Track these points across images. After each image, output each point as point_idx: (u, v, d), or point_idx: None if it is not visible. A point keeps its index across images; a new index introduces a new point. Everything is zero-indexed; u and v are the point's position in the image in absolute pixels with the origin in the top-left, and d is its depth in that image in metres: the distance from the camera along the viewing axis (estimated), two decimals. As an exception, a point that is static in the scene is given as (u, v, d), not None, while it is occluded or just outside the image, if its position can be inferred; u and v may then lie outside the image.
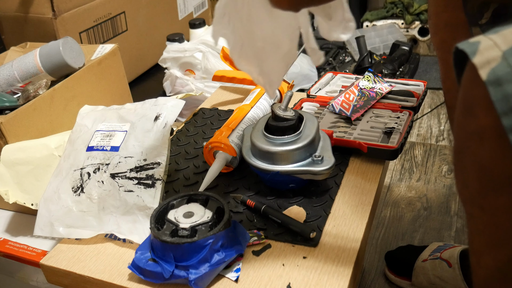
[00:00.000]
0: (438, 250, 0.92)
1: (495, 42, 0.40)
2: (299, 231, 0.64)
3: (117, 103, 1.02)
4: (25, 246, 0.78)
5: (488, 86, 0.39)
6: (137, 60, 1.58)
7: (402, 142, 0.78)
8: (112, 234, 0.69)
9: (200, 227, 0.60)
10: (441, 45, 0.84)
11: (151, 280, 0.59)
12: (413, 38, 2.09)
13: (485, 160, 0.42)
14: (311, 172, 0.69)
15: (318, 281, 0.58)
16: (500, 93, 0.39)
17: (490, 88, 0.39)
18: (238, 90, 1.08)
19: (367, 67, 1.64)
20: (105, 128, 0.77)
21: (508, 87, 0.38)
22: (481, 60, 0.40)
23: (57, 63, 0.97)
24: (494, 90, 0.39)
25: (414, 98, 0.90)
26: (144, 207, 0.68)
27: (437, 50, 0.86)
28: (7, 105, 0.89)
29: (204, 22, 1.59)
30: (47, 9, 1.23)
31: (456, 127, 0.45)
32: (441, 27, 0.82)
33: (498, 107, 0.39)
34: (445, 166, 1.30)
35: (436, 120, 1.52)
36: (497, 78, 0.39)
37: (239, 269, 0.61)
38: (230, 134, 0.77)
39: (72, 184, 0.72)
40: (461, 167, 0.46)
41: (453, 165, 0.49)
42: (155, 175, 0.70)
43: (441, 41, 0.83)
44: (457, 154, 0.46)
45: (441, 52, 0.85)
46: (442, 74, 0.87)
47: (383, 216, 1.14)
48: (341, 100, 0.89)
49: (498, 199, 0.43)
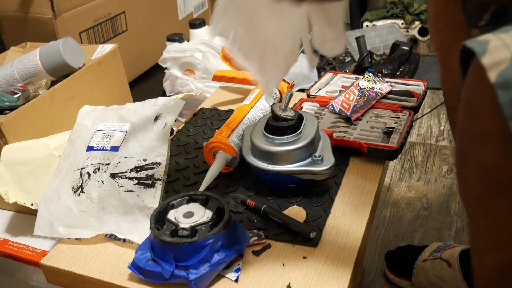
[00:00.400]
0: (438, 250, 0.92)
1: (505, 43, 0.39)
2: (299, 231, 0.64)
3: (117, 103, 1.03)
4: (25, 246, 0.78)
5: (497, 89, 0.38)
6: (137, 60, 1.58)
7: (402, 142, 0.78)
8: (112, 234, 0.69)
9: (200, 227, 0.60)
10: (440, 46, 0.84)
11: (151, 280, 0.59)
12: (413, 38, 2.09)
13: (488, 163, 0.42)
14: (311, 172, 0.69)
15: (318, 281, 0.58)
16: (508, 97, 0.38)
17: (499, 91, 0.38)
18: (238, 90, 1.08)
19: (367, 67, 1.64)
20: (105, 128, 0.77)
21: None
22: (490, 61, 0.39)
23: (57, 63, 0.97)
24: (502, 93, 0.38)
25: (414, 98, 0.90)
26: (144, 207, 0.68)
27: (436, 51, 0.86)
28: (7, 105, 0.89)
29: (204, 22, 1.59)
30: (47, 9, 1.23)
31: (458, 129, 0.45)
32: (441, 28, 0.82)
33: (506, 110, 0.38)
34: (445, 166, 1.30)
35: (436, 120, 1.52)
36: (506, 81, 0.38)
37: (239, 269, 0.61)
38: (230, 134, 0.77)
39: (72, 184, 0.72)
40: (464, 170, 0.46)
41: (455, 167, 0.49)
42: (155, 175, 0.70)
43: (440, 42, 0.83)
44: (459, 156, 0.46)
45: (441, 53, 0.85)
46: (442, 75, 0.87)
47: (383, 216, 1.14)
48: (341, 100, 0.89)
49: (501, 202, 0.43)
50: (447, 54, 0.83)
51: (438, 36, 0.84)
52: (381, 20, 2.13)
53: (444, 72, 0.86)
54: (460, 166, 0.46)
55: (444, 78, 0.86)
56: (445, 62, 0.85)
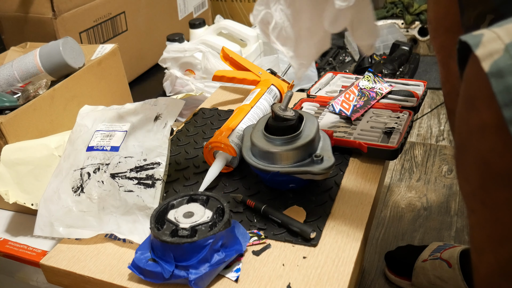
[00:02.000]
0: (438, 250, 0.92)
1: (498, 35, 0.40)
2: (299, 231, 0.64)
3: (117, 103, 1.02)
4: (25, 246, 0.78)
5: (490, 78, 0.39)
6: (137, 60, 1.58)
7: (402, 142, 0.78)
8: (112, 234, 0.69)
9: (200, 227, 0.60)
10: (441, 49, 0.84)
11: (151, 280, 0.59)
12: (413, 38, 2.09)
13: (486, 154, 0.42)
14: (311, 172, 0.69)
15: (318, 281, 0.58)
16: (501, 85, 0.39)
17: (492, 80, 0.39)
18: (238, 90, 1.08)
19: (367, 67, 1.64)
20: (105, 128, 0.77)
21: (510, 79, 0.39)
22: (484, 52, 0.40)
23: (57, 63, 0.97)
24: (496, 82, 0.39)
25: (414, 98, 0.90)
26: (144, 207, 0.68)
27: (437, 53, 0.86)
28: (7, 105, 0.89)
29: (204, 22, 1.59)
30: (47, 9, 1.23)
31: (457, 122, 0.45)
32: (441, 33, 0.83)
33: (499, 98, 0.39)
34: (445, 166, 1.30)
35: (436, 120, 1.52)
36: (499, 70, 0.39)
37: (239, 269, 0.61)
38: (230, 134, 0.77)
39: (72, 184, 0.72)
40: (463, 162, 0.46)
41: (454, 160, 0.49)
42: (155, 175, 0.70)
43: (441, 45, 0.84)
44: (458, 149, 0.46)
45: (441, 56, 0.85)
46: (442, 77, 0.87)
47: (383, 216, 1.14)
48: (341, 100, 0.89)
49: (500, 194, 0.43)
50: (448, 58, 0.83)
51: (439, 40, 0.84)
52: (381, 20, 2.13)
53: (445, 75, 0.86)
54: (459, 159, 0.47)
55: (445, 80, 0.87)
56: (445, 65, 0.85)
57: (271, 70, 0.98)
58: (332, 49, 1.94)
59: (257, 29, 1.55)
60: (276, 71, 0.98)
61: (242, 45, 1.54)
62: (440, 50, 0.85)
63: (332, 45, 1.99)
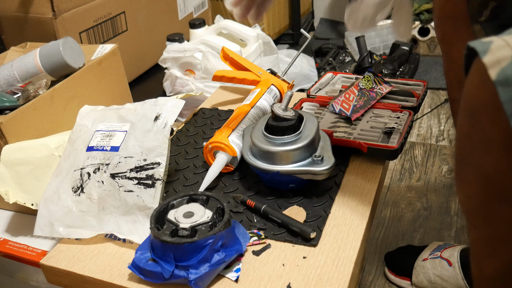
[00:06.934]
0: (438, 249, 0.92)
1: (507, 42, 0.38)
2: (299, 231, 0.64)
3: (117, 103, 1.02)
4: (25, 246, 0.78)
5: (497, 86, 0.37)
6: (137, 60, 1.58)
7: (402, 142, 0.78)
8: (112, 234, 0.69)
9: (200, 227, 0.60)
10: (443, 37, 0.85)
11: (151, 280, 0.59)
12: (413, 38, 2.09)
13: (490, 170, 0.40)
14: (311, 172, 0.69)
15: (318, 281, 0.58)
16: (510, 94, 0.36)
17: (500, 88, 0.36)
18: (238, 90, 1.08)
19: (367, 67, 1.64)
20: (105, 128, 0.77)
21: None
22: (491, 59, 0.37)
23: (57, 63, 0.97)
24: (503, 91, 0.36)
25: (414, 98, 0.90)
26: (144, 207, 0.68)
27: (440, 42, 0.87)
28: (7, 105, 0.89)
29: (204, 22, 1.59)
30: (47, 9, 1.23)
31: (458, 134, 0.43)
32: (444, 20, 0.83)
33: (507, 108, 0.36)
34: (445, 166, 1.30)
35: (436, 120, 1.52)
36: (507, 78, 0.36)
37: (239, 269, 0.61)
38: (230, 134, 0.77)
39: (72, 184, 0.72)
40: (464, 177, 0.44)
41: (454, 173, 0.46)
42: (155, 175, 0.70)
43: (443, 33, 0.84)
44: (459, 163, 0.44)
45: (443, 45, 0.86)
46: (445, 66, 0.87)
47: (383, 216, 1.14)
48: (341, 100, 0.89)
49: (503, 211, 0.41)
50: (449, 46, 0.84)
51: (441, 28, 0.84)
52: (381, 20, 2.13)
53: (447, 63, 0.86)
54: (459, 173, 0.44)
55: (447, 69, 0.87)
56: (447, 53, 0.85)
57: (271, 70, 0.98)
58: (332, 49, 1.94)
59: (257, 29, 1.55)
60: (276, 71, 0.98)
61: (242, 45, 1.54)
62: (442, 38, 0.85)
63: (332, 45, 1.99)
